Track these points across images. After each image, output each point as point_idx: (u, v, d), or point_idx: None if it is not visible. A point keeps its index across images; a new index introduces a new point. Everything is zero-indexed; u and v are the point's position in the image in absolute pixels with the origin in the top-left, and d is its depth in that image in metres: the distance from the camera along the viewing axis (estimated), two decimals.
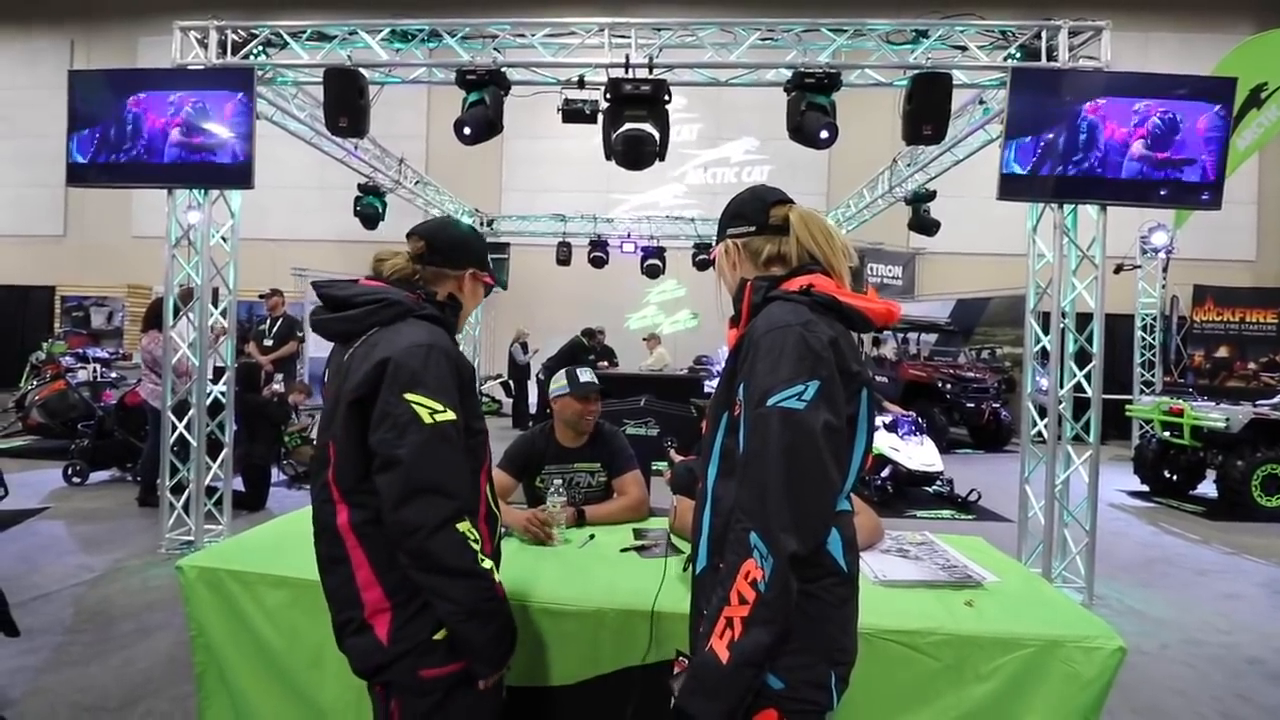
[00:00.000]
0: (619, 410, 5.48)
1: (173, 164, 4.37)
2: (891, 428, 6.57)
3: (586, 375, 2.61)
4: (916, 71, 4.32)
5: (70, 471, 6.17)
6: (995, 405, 9.97)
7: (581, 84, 4.59)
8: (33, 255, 14.23)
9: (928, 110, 4.26)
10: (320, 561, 1.37)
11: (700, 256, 10.12)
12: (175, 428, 4.57)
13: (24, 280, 13.81)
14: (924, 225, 7.13)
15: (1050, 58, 4.21)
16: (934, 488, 6.57)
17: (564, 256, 10.14)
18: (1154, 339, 9.93)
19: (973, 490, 6.40)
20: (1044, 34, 4.22)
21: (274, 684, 1.83)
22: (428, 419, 1.23)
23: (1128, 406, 8.25)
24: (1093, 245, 4.25)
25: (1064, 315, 4.30)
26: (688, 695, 1.05)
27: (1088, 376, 4.28)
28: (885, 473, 6.35)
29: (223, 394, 4.75)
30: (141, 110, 4.36)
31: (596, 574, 1.91)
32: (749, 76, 4.76)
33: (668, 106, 4.36)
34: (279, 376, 7.24)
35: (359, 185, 7.49)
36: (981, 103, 5.26)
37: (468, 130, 4.43)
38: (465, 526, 1.24)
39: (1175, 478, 7.19)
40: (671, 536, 2.14)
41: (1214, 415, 6.39)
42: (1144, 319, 9.91)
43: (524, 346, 10.95)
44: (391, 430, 1.22)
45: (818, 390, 1.06)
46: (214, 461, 4.68)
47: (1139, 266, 9.85)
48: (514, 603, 1.69)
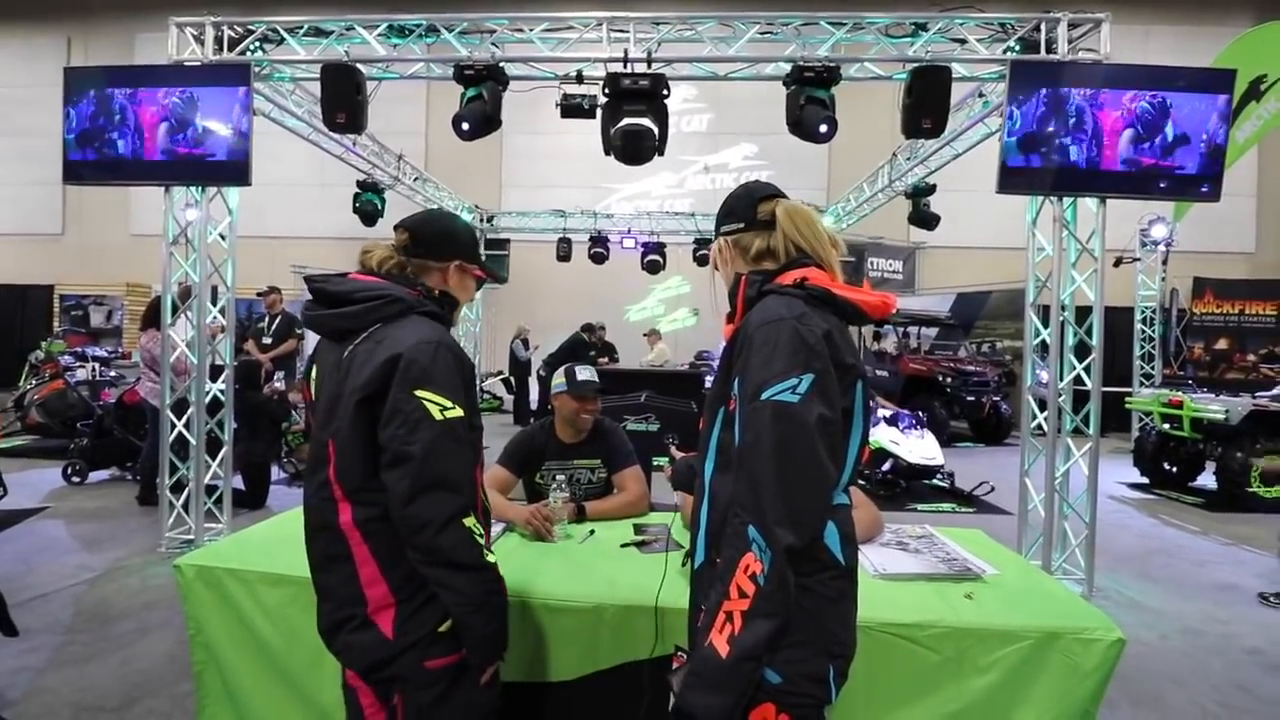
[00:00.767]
0: (620, 406, 5.48)
1: (170, 161, 4.35)
2: (892, 421, 6.58)
3: (585, 374, 2.61)
4: (915, 65, 4.31)
5: (69, 471, 6.17)
6: (995, 399, 9.98)
7: (580, 79, 4.57)
8: (31, 254, 14.22)
9: (927, 103, 4.25)
10: (315, 559, 1.36)
11: (700, 252, 10.12)
12: (174, 426, 4.57)
13: (22, 279, 13.79)
14: (924, 219, 7.11)
15: (1050, 50, 4.19)
16: (934, 481, 6.58)
17: (564, 253, 10.12)
18: (1153, 331, 9.93)
19: (983, 483, 6.37)
20: (1043, 26, 4.21)
21: (273, 683, 1.83)
22: (439, 415, 1.24)
23: (1127, 399, 8.25)
24: (1092, 238, 4.24)
25: (1064, 308, 4.29)
26: (688, 691, 1.05)
27: (1087, 369, 4.27)
28: (886, 466, 6.36)
29: (222, 392, 4.74)
30: (138, 107, 4.34)
31: (597, 569, 1.91)
32: (748, 70, 4.74)
33: (667, 100, 4.35)
34: (280, 374, 7.24)
35: (358, 182, 7.47)
36: (981, 96, 5.24)
37: (466, 126, 4.42)
38: (471, 522, 1.26)
39: (1175, 469, 7.20)
40: (672, 532, 2.14)
41: (1213, 407, 6.39)
42: (1143, 312, 9.91)
43: (525, 343, 10.95)
44: (403, 426, 1.22)
45: (812, 383, 1.06)
46: (213, 460, 4.68)
47: (1138, 259, 9.84)
48: (515, 598, 1.70)
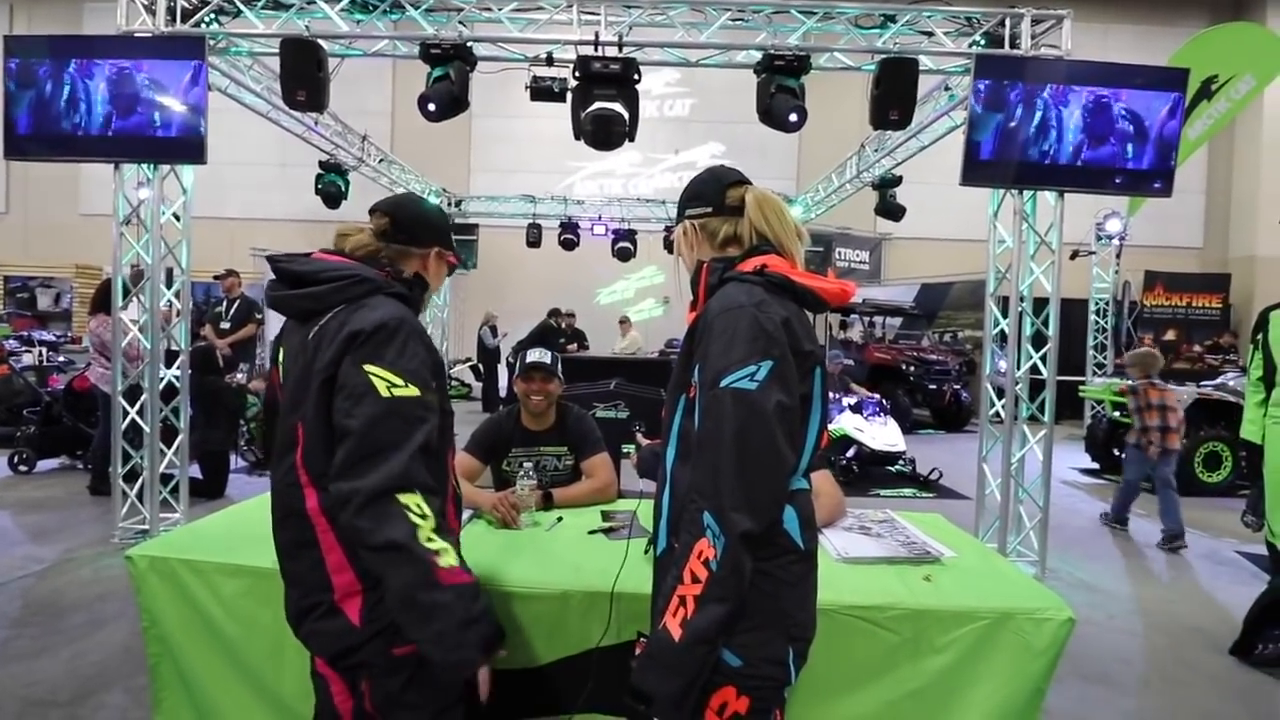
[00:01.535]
0: (589, 393, 5.47)
1: (119, 137, 4.17)
2: (857, 409, 6.70)
3: (534, 355, 2.59)
4: (884, 56, 4.35)
5: (16, 460, 5.93)
6: (956, 387, 10.24)
7: (550, 61, 4.51)
8: None
9: (894, 95, 4.30)
10: (283, 546, 1.33)
11: (671, 238, 10.12)
12: (127, 414, 4.42)
13: None
14: (890, 210, 7.22)
15: (1013, 45, 4.28)
16: (896, 467, 6.73)
17: (534, 239, 10.02)
18: (1106, 323, 10.27)
19: (934, 469, 6.57)
20: (1007, 22, 4.29)
21: (231, 674, 1.79)
22: (385, 392, 1.17)
23: (1081, 387, 8.53)
24: (1050, 231, 4.36)
25: (1022, 299, 4.41)
26: (642, 673, 1.06)
27: (1044, 359, 4.41)
28: (850, 453, 6.48)
29: (177, 378, 4.60)
30: (86, 79, 4.14)
31: (564, 556, 1.90)
32: (719, 57, 4.74)
33: (638, 84, 4.32)
34: (243, 366, 7.04)
35: (320, 163, 7.27)
36: (947, 89, 5.32)
37: (432, 106, 4.33)
38: (413, 500, 1.12)
39: (1123, 455, 7.48)
40: (638, 518, 2.15)
41: None
42: (1097, 303, 10.23)
43: (493, 330, 10.83)
44: (347, 400, 1.17)
45: (770, 370, 1.07)
46: (169, 448, 4.54)
47: (1094, 253, 10.15)
48: (482, 586, 1.68)
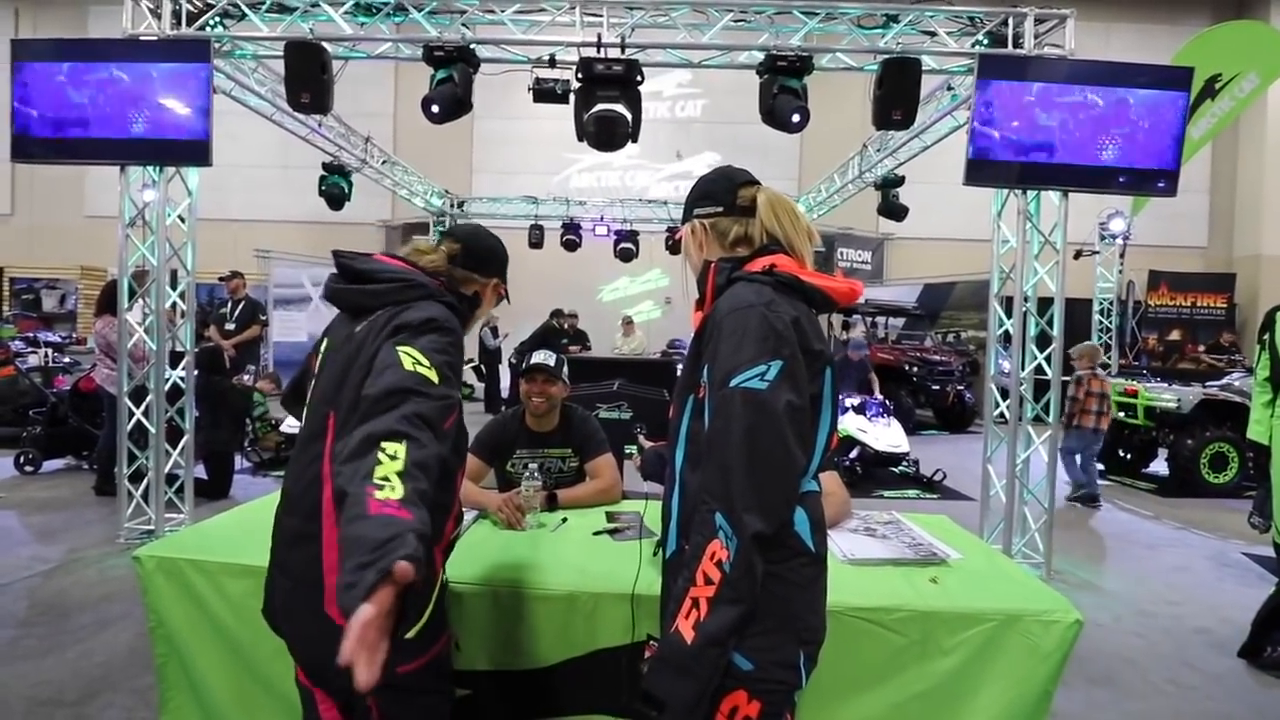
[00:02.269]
0: (592, 394, 5.47)
1: (125, 139, 4.18)
2: (860, 410, 6.69)
3: (538, 357, 2.59)
4: (886, 56, 4.35)
5: (22, 460, 5.95)
6: (960, 387, 10.21)
7: (553, 63, 4.51)
8: None
9: (897, 95, 4.29)
10: (283, 532, 1.32)
11: (674, 239, 10.12)
12: (133, 414, 4.43)
13: None
14: (893, 210, 7.21)
15: (1016, 45, 4.27)
16: (900, 468, 6.72)
17: (536, 239, 10.02)
18: (1110, 322, 10.24)
19: (938, 470, 6.56)
20: (1010, 21, 4.28)
21: (238, 675, 1.79)
22: (408, 366, 1.14)
23: None
24: (1054, 231, 4.35)
25: (1026, 299, 4.40)
26: (654, 676, 1.05)
27: (1048, 359, 4.39)
28: (853, 454, 6.47)
29: (182, 379, 4.61)
30: (92, 82, 4.15)
31: (569, 557, 1.90)
32: (721, 58, 4.74)
33: (640, 86, 4.32)
34: (248, 367, 7.06)
35: (324, 164, 7.28)
36: (950, 89, 5.32)
37: (435, 108, 4.33)
38: (392, 446, 0.98)
39: (1129, 456, 7.46)
40: (644, 519, 2.15)
41: (1166, 396, 6.63)
42: (1101, 303, 10.20)
43: (494, 331, 10.84)
44: (373, 375, 1.15)
45: (780, 370, 1.06)
46: (174, 448, 4.55)
47: (1097, 252, 10.13)
48: (487, 586, 1.70)
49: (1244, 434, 3.44)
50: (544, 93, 4.56)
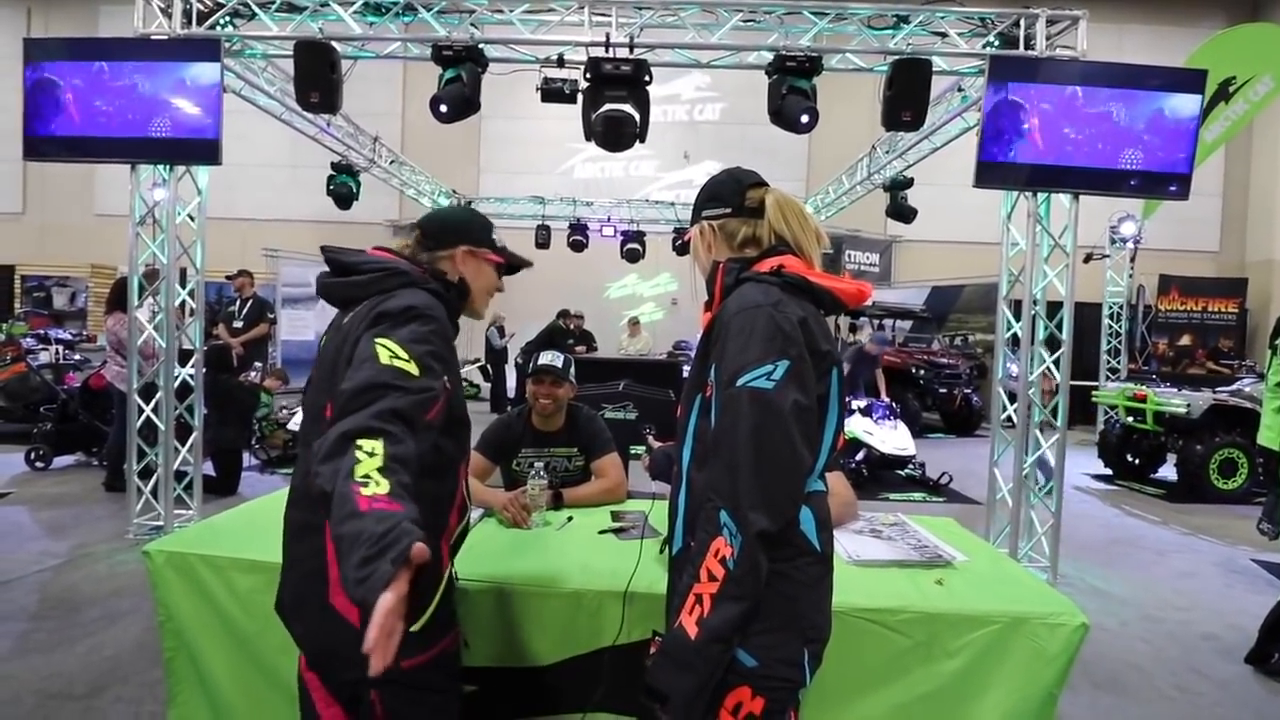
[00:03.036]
0: (597, 394, 5.48)
1: (135, 138, 4.21)
2: (866, 412, 6.67)
3: (546, 358, 2.60)
4: (896, 57, 4.33)
5: (33, 456, 6.00)
6: (967, 391, 10.17)
7: (561, 63, 4.52)
8: None
9: (907, 96, 4.28)
10: (290, 524, 1.33)
11: (681, 240, 10.12)
12: (142, 411, 4.47)
13: None
14: (901, 212, 7.18)
15: (1028, 46, 4.25)
16: (906, 471, 6.69)
17: (543, 239, 10.04)
18: (1120, 327, 10.18)
19: (944, 473, 6.53)
20: (1022, 22, 4.26)
21: (246, 669, 1.81)
22: (384, 360, 1.13)
23: (1094, 392, 8.46)
24: (1064, 234, 4.33)
25: (1035, 302, 4.37)
26: (657, 670, 1.06)
27: (1056, 363, 4.37)
28: (860, 456, 6.45)
29: (191, 377, 4.64)
30: (103, 81, 4.19)
31: (574, 556, 1.91)
32: (730, 58, 4.73)
33: (649, 86, 4.32)
34: (255, 365, 7.11)
35: (332, 164, 7.31)
36: (960, 90, 5.29)
37: (444, 108, 4.35)
38: (370, 443, 0.98)
39: (1137, 461, 7.42)
40: (649, 519, 2.15)
41: (1175, 401, 6.58)
42: (1111, 307, 10.14)
43: (500, 330, 10.86)
44: (351, 368, 1.16)
45: (787, 370, 1.07)
46: (183, 445, 4.58)
47: (1108, 256, 10.06)
48: (492, 583, 1.70)
49: (1254, 440, 3.42)
50: (552, 92, 4.57)
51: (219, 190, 4.97)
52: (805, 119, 4.25)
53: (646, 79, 4.27)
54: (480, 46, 4.39)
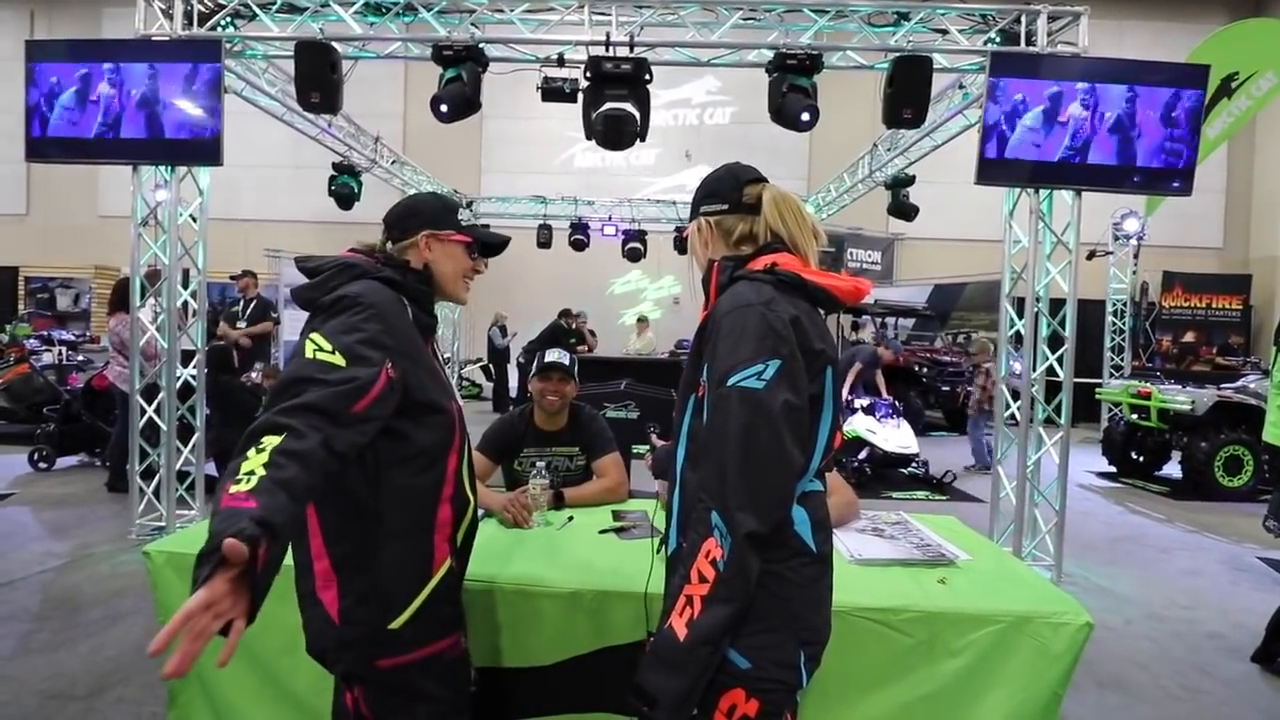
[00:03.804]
0: (599, 394, 5.47)
1: (138, 139, 4.22)
2: (869, 410, 6.66)
3: (552, 355, 2.60)
4: (897, 54, 4.32)
5: (36, 456, 6.02)
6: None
7: (561, 62, 4.52)
8: None
9: (908, 93, 4.26)
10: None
11: (681, 236, 10.11)
12: (145, 412, 4.47)
13: None
14: (903, 210, 7.17)
15: (1029, 42, 4.23)
16: (909, 469, 6.68)
17: (544, 239, 10.04)
18: (1124, 324, 10.14)
19: (948, 472, 6.52)
20: (1023, 19, 4.24)
21: (246, 669, 1.80)
22: (309, 354, 1.13)
23: (1097, 390, 8.44)
24: (1067, 230, 4.31)
25: (1038, 300, 4.36)
26: (646, 671, 1.05)
27: (1060, 360, 4.35)
28: (863, 454, 6.44)
29: (193, 377, 4.65)
30: (104, 82, 4.20)
31: (575, 555, 1.90)
32: (730, 57, 4.72)
33: (649, 84, 4.31)
34: (257, 365, 7.11)
35: (334, 164, 7.33)
36: (961, 87, 5.27)
37: (444, 107, 4.34)
38: (271, 440, 0.98)
39: (1142, 459, 7.39)
40: (651, 518, 2.15)
41: (1180, 398, 6.55)
42: (1114, 304, 10.11)
43: (502, 330, 10.87)
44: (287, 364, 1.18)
45: (778, 369, 1.06)
46: (185, 446, 4.59)
47: (1111, 253, 10.03)
48: (492, 583, 1.70)
49: (1259, 437, 3.40)
50: (552, 92, 4.57)
51: (221, 191, 4.97)
52: (806, 117, 4.24)
53: (647, 78, 4.26)
54: (481, 46, 4.38)
